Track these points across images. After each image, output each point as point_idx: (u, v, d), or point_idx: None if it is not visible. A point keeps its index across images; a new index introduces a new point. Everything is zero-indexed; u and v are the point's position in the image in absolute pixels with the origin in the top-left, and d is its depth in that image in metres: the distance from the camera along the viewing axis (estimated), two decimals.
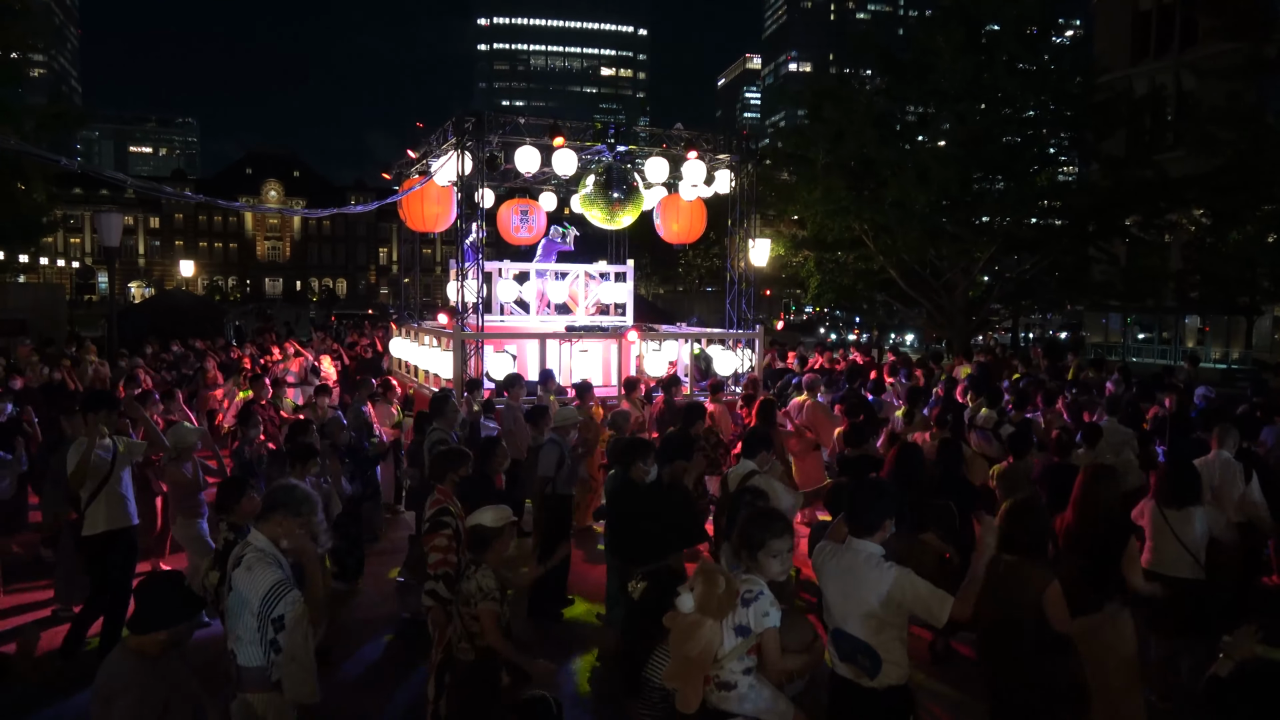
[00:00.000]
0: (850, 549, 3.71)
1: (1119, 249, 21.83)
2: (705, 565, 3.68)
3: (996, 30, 19.13)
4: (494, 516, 4.20)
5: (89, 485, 6.10)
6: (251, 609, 3.63)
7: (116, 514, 6.21)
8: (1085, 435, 7.40)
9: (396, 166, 14.92)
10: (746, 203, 13.28)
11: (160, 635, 3.23)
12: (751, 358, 12.80)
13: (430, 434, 7.42)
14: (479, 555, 4.20)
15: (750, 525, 3.74)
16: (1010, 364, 14.93)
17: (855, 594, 3.61)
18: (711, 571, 3.59)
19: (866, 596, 3.57)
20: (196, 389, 12.94)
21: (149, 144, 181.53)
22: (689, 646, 3.51)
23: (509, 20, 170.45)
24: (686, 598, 3.53)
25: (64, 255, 76.12)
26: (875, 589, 3.54)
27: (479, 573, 4.13)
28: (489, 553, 4.18)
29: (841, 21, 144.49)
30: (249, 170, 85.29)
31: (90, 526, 6.12)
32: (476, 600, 4.06)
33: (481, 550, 4.19)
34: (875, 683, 3.58)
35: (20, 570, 7.96)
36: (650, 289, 46.80)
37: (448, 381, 11.12)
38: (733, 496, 5.48)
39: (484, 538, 4.18)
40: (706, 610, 3.51)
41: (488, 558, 4.18)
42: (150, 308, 30.54)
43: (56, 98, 42.05)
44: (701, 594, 3.52)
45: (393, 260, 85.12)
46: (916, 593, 3.51)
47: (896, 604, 3.53)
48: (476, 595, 4.06)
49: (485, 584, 4.08)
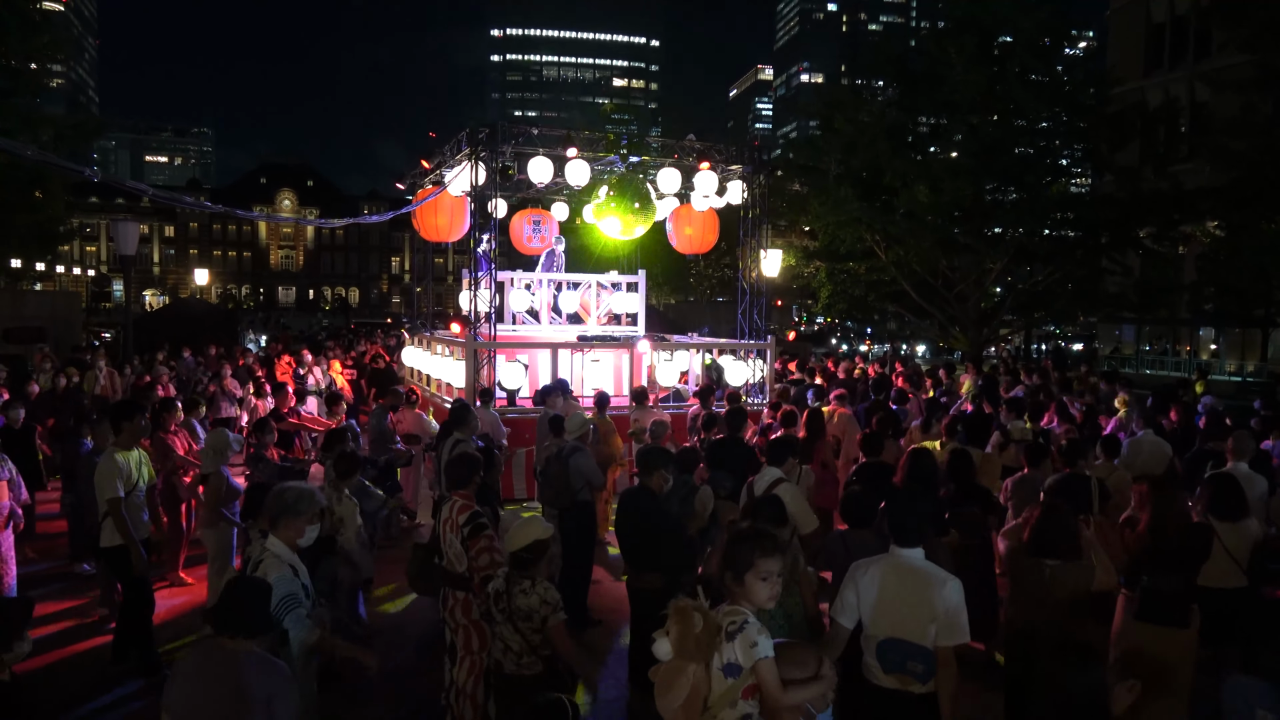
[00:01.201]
0: (897, 557, 3.73)
1: (1132, 261, 21.74)
2: (677, 602, 3.21)
3: (1009, 42, 19.14)
4: (544, 528, 4.15)
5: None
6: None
7: (135, 525, 6.26)
8: (1104, 446, 7.38)
9: (410, 176, 15.03)
10: (758, 213, 13.31)
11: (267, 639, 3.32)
12: (762, 368, 12.80)
13: (456, 444, 7.21)
14: (533, 569, 4.10)
15: (736, 545, 3.32)
16: (1015, 374, 14.91)
17: (915, 602, 3.64)
18: (684, 608, 3.13)
19: (930, 602, 3.61)
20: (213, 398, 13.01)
21: (165, 153, 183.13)
22: (671, 698, 3.06)
23: (522, 31, 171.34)
24: (662, 643, 3.10)
25: (80, 263, 76.68)
26: (940, 595, 3.60)
27: (538, 586, 4.04)
28: (541, 565, 4.12)
29: (853, 33, 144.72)
30: (263, 180, 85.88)
31: (108, 539, 6.16)
32: (544, 614, 3.99)
33: (535, 564, 4.10)
34: (926, 688, 3.63)
35: (41, 580, 7.99)
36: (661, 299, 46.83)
37: (460, 391, 11.16)
38: (753, 505, 5.26)
39: (540, 551, 4.10)
40: (685, 654, 3.08)
41: (541, 570, 4.12)
42: (165, 316, 30.74)
43: (75, 108, 42.60)
44: (677, 635, 3.09)
45: (405, 269, 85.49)
46: (963, 601, 3.59)
47: (956, 609, 3.60)
48: (542, 609, 3.99)
49: (550, 596, 4.03)
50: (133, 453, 6.29)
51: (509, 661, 4.07)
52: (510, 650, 4.06)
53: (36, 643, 6.40)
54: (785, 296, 31.75)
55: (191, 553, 8.27)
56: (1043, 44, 19.11)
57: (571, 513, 7.03)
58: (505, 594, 4.09)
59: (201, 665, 3.21)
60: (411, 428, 9.88)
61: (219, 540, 6.99)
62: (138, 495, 6.31)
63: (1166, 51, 30.93)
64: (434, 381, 13.01)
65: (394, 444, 9.43)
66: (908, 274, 20.04)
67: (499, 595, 4.11)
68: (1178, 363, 32.55)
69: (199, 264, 66.56)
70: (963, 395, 12.34)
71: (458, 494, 5.28)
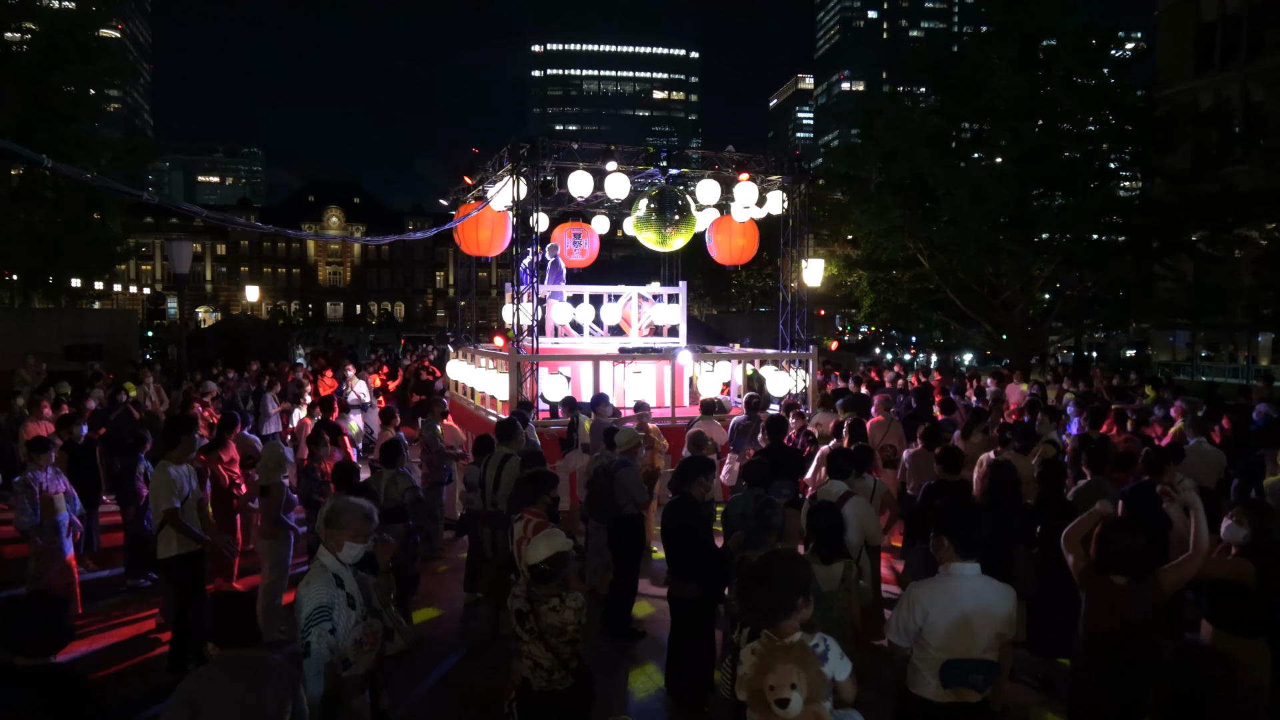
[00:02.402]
0: (963, 575, 3.72)
1: (1185, 265, 21.25)
2: (780, 650, 3.12)
3: (1053, 45, 18.88)
4: (564, 541, 4.14)
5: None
6: (299, 621, 3.80)
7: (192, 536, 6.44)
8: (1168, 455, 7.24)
9: (453, 192, 15.24)
10: (799, 223, 13.28)
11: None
12: (805, 378, 12.74)
13: (509, 459, 7.18)
14: (555, 582, 4.08)
15: (767, 585, 3.31)
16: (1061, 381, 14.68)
17: (984, 617, 3.66)
18: (796, 651, 3.07)
19: (997, 615, 3.67)
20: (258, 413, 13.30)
21: (216, 173, 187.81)
22: None
23: (562, 46, 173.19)
24: (795, 700, 2.94)
25: (136, 282, 78.87)
26: (1004, 606, 3.69)
27: (569, 600, 4.02)
28: (563, 578, 4.11)
29: (894, 40, 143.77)
30: (311, 197, 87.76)
31: (165, 550, 6.33)
32: (577, 624, 4.00)
33: (555, 577, 4.08)
34: (981, 695, 3.67)
35: (101, 592, 8.20)
36: (703, 310, 46.82)
37: (504, 404, 11.27)
38: (810, 515, 5.14)
39: (562, 563, 4.09)
40: (817, 698, 3.01)
41: (566, 583, 4.12)
42: (217, 332, 31.47)
43: (131, 131, 43.88)
44: (809, 680, 2.99)
45: (449, 284, 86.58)
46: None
47: (1013, 618, 3.69)
48: (574, 622, 4.00)
49: (579, 604, 4.04)
50: (182, 467, 6.47)
51: (538, 678, 4.03)
52: (540, 667, 4.01)
53: (94, 653, 6.65)
54: (828, 306, 31.51)
55: (244, 563, 8.44)
56: (1088, 46, 18.83)
57: (619, 526, 7.06)
58: (531, 613, 4.02)
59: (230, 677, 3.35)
60: (448, 439, 10.02)
61: (276, 551, 7.14)
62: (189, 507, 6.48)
63: (1218, 51, 30.19)
64: (478, 394, 13.16)
65: (445, 455, 9.59)
66: (952, 282, 19.82)
67: (523, 615, 4.04)
68: (1234, 369, 31.65)
69: (250, 281, 68.16)
70: (1013, 405, 12.16)
71: (529, 511, 5.30)
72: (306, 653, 3.72)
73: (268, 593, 7.06)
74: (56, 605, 3.38)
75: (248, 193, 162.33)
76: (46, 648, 3.29)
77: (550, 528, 4.54)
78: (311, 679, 3.71)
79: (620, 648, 6.84)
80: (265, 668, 3.41)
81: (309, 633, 3.72)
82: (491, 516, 6.95)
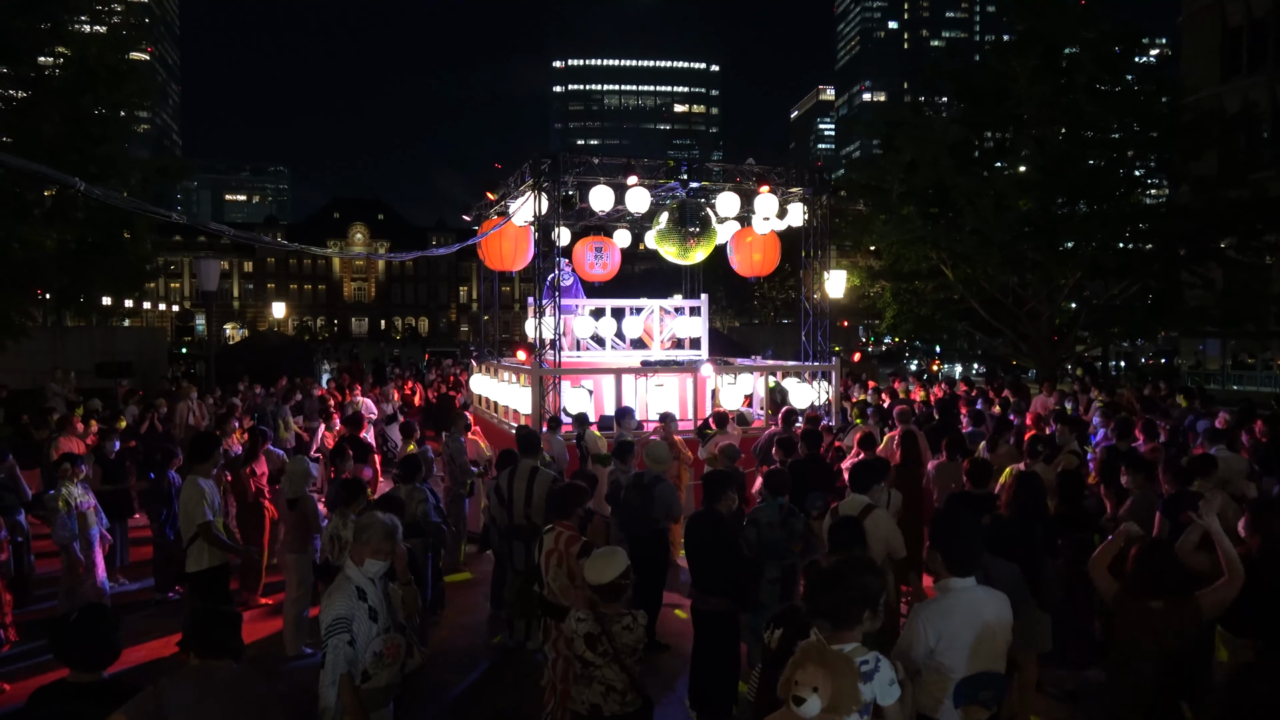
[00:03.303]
0: (959, 589, 3.64)
1: (1214, 272, 20.98)
2: (816, 650, 3.02)
3: (1075, 53, 18.77)
4: (624, 557, 4.09)
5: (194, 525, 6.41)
6: (320, 630, 3.84)
7: (218, 551, 6.52)
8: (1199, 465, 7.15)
9: (476, 207, 15.35)
10: (821, 235, 13.26)
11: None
12: (827, 390, 12.69)
13: (538, 472, 7.15)
14: (623, 600, 3.98)
15: (837, 591, 3.15)
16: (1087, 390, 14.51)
17: (993, 632, 3.61)
18: (830, 656, 2.95)
19: (1004, 628, 3.64)
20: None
21: (243, 192, 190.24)
22: None
23: (583, 61, 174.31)
24: (812, 701, 2.84)
25: (165, 299, 80.00)
26: (1007, 613, 3.66)
27: (640, 616, 3.95)
28: (628, 595, 4.03)
29: (915, 50, 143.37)
30: (336, 214, 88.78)
31: (194, 563, 6.43)
32: (640, 641, 3.93)
33: (624, 595, 3.99)
34: (991, 711, 3.63)
35: (132, 605, 8.29)
36: (725, 322, 46.78)
37: (526, 417, 11.31)
38: (833, 529, 5.03)
39: (629, 580, 4.02)
40: (839, 709, 2.89)
41: (624, 601, 4.02)
42: (244, 348, 31.83)
43: (159, 151, 44.64)
44: (835, 689, 2.88)
45: (473, 298, 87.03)
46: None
47: (1011, 625, 3.67)
48: (644, 638, 3.93)
49: (644, 621, 4.00)
50: (209, 480, 6.55)
51: (611, 703, 3.86)
52: (614, 690, 3.86)
53: (127, 670, 6.71)
54: (851, 317, 31.43)
55: (270, 579, 8.50)
56: (1112, 53, 18.70)
57: (646, 540, 7.04)
58: (604, 634, 3.84)
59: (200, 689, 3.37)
60: (471, 453, 10.07)
61: (301, 566, 7.17)
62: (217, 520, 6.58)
63: (1244, 56, 29.91)
64: (500, 408, 13.21)
65: (469, 467, 9.66)
66: (976, 291, 19.68)
67: (594, 638, 3.85)
68: (1268, 377, 31.15)
69: (276, 297, 68.93)
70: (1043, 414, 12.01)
71: (561, 524, 5.30)
72: (323, 663, 3.76)
73: (294, 607, 7.10)
74: (109, 620, 3.47)
75: (274, 210, 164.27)
76: (99, 663, 3.37)
77: (609, 546, 4.53)
78: (324, 690, 3.75)
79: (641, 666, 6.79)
80: (240, 684, 3.43)
81: (326, 643, 3.76)
82: (523, 530, 6.93)
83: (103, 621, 3.43)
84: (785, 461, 7.77)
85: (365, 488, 6.78)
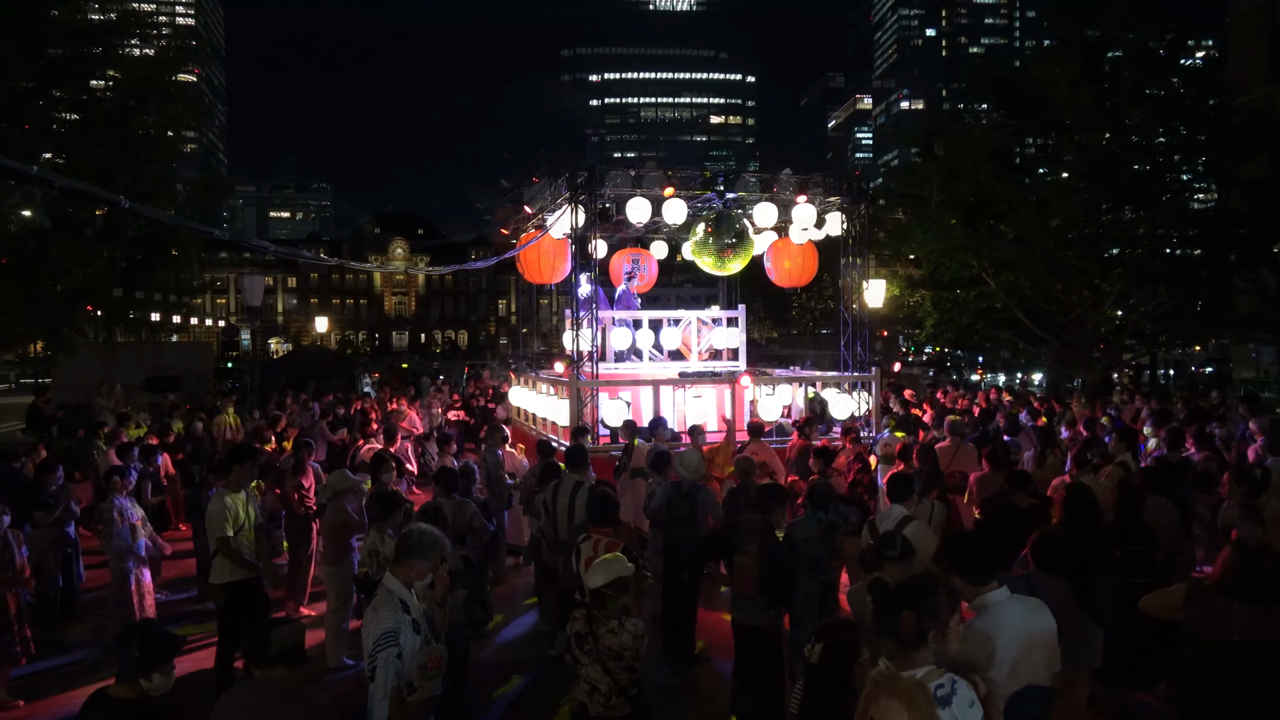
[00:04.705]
0: (993, 602, 3.53)
1: (1267, 278, 20.44)
2: (886, 679, 2.88)
3: (1119, 57, 18.45)
4: (626, 566, 4.13)
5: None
6: (366, 646, 3.84)
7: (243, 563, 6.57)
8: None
9: (514, 222, 15.47)
10: (859, 244, 13.16)
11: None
12: (867, 400, 12.56)
13: (584, 485, 7.09)
14: (615, 606, 4.05)
15: (904, 609, 3.00)
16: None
17: (1039, 644, 3.54)
18: (902, 685, 2.82)
19: (1047, 639, 3.56)
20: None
21: (287, 209, 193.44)
22: None
23: (619, 75, 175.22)
24: None
25: (211, 314, 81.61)
26: (1051, 628, 3.57)
27: (628, 624, 3.99)
28: (624, 602, 4.09)
29: (954, 57, 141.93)
30: (377, 230, 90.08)
31: (218, 575, 6.47)
32: (635, 650, 3.97)
33: (617, 601, 4.06)
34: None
35: (174, 616, 8.43)
36: (763, 333, 46.57)
37: (564, 429, 11.34)
38: (878, 543, 4.92)
39: (623, 588, 4.06)
40: None
41: (628, 608, 4.09)
42: (288, 362, 32.37)
43: (206, 170, 45.62)
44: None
45: (511, 311, 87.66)
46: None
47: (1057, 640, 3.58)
48: (633, 647, 3.97)
49: (640, 630, 4.01)
50: (239, 494, 6.59)
51: (595, 704, 3.97)
52: (597, 691, 3.97)
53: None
54: (891, 326, 31.10)
55: (314, 590, 8.59)
56: (1156, 57, 18.35)
57: (689, 548, 6.97)
58: (589, 634, 3.99)
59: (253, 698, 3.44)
60: (510, 465, 10.10)
61: (339, 578, 7.22)
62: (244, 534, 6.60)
63: None
64: (539, 420, 13.26)
65: (506, 480, 9.69)
66: (1019, 300, 19.35)
67: (582, 636, 4.01)
68: None
69: (319, 312, 70.04)
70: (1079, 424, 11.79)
71: (599, 532, 5.30)
72: (372, 677, 3.76)
73: (334, 619, 7.16)
74: (167, 634, 3.56)
75: (317, 226, 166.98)
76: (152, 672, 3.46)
77: (615, 553, 4.53)
78: (377, 704, 3.76)
79: (680, 679, 6.76)
80: (297, 694, 3.48)
81: (375, 657, 3.75)
82: (567, 545, 6.89)
83: (161, 635, 3.54)
84: (824, 472, 7.68)
85: (401, 501, 6.80)
